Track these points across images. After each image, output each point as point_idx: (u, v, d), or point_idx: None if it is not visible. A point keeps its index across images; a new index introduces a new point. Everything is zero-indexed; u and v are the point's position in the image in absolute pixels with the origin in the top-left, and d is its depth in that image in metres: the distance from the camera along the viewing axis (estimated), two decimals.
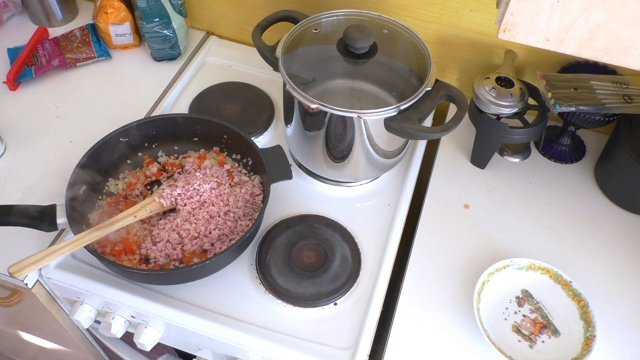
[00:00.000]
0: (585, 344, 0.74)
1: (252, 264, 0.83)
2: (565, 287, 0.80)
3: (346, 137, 0.82)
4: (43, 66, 1.04)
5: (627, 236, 0.90)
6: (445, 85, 0.80)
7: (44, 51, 1.07)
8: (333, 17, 0.87)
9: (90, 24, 1.13)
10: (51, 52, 1.07)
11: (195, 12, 1.16)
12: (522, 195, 0.94)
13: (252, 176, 0.88)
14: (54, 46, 1.08)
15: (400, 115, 0.77)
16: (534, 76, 1.00)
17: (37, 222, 0.75)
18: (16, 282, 0.81)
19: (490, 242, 0.88)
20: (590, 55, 0.52)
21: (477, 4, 0.93)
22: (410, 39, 0.85)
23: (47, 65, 1.05)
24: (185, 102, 1.04)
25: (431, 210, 0.91)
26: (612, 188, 0.94)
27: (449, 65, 1.05)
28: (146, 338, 0.79)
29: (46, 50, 1.07)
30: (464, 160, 0.99)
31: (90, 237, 0.73)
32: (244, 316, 0.78)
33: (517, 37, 0.53)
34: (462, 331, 0.78)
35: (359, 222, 0.89)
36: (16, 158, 0.94)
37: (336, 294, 0.79)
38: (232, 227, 0.81)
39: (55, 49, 1.08)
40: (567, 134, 0.98)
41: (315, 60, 0.90)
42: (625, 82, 0.89)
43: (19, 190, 0.89)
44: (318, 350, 0.75)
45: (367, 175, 0.92)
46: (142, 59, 1.13)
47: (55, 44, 1.09)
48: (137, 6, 1.02)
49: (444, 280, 0.83)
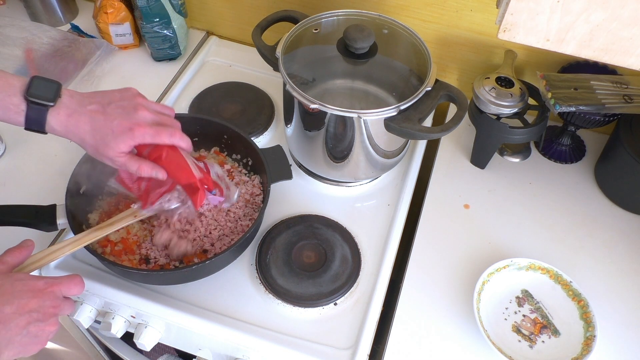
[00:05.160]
0: (585, 344, 0.74)
1: (252, 264, 0.83)
2: (565, 287, 0.80)
3: (346, 137, 0.82)
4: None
5: (627, 236, 0.90)
6: (445, 85, 0.80)
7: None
8: (333, 17, 0.87)
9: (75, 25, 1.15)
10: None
11: (195, 12, 1.16)
12: (522, 195, 0.94)
13: (252, 176, 0.88)
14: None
15: (400, 115, 0.77)
16: (534, 76, 1.00)
17: (37, 222, 0.75)
18: None
19: (490, 242, 0.88)
20: (590, 55, 0.52)
21: (477, 4, 0.93)
22: (410, 39, 0.85)
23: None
24: (185, 102, 1.04)
25: (431, 210, 0.91)
26: (612, 188, 0.94)
27: (449, 65, 1.05)
28: (146, 338, 0.78)
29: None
30: (464, 160, 0.99)
31: (90, 237, 0.73)
32: (244, 316, 0.78)
33: (517, 37, 0.53)
34: (462, 331, 0.78)
35: (359, 222, 0.89)
36: (16, 158, 0.94)
37: (336, 294, 0.79)
38: (232, 227, 0.81)
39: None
40: (567, 134, 0.98)
41: (315, 60, 0.90)
42: (625, 82, 0.89)
43: (19, 190, 0.89)
44: (318, 350, 0.75)
45: (367, 175, 0.92)
46: (142, 59, 1.13)
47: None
48: (137, 6, 1.02)
49: (444, 280, 0.83)
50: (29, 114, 0.65)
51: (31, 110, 0.65)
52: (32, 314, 0.58)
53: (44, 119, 0.65)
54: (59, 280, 0.62)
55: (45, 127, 0.66)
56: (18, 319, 0.57)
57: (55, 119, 0.66)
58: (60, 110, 0.66)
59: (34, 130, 0.66)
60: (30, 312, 0.58)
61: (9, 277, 0.60)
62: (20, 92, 0.65)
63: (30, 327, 0.58)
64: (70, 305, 0.64)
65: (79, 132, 0.67)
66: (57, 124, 0.66)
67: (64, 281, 0.63)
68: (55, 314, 0.61)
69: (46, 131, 0.67)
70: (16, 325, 0.57)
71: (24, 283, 0.60)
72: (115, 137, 0.66)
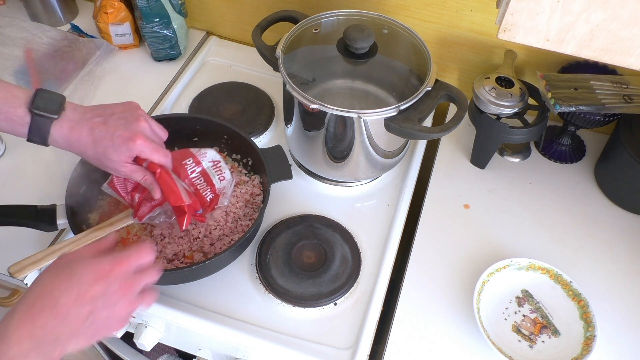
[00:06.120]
0: (585, 344, 0.74)
1: (252, 264, 0.83)
2: (565, 287, 0.80)
3: (346, 137, 0.82)
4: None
5: (627, 236, 0.90)
6: (445, 85, 0.80)
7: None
8: (333, 17, 0.87)
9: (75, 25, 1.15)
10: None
11: (195, 12, 1.16)
12: (522, 195, 0.94)
13: (252, 176, 0.88)
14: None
15: (400, 115, 0.77)
16: (534, 76, 1.00)
17: (37, 222, 0.75)
18: (16, 282, 0.81)
19: (490, 242, 0.88)
20: (590, 55, 0.52)
21: (477, 4, 0.93)
22: (410, 39, 0.85)
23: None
24: (185, 102, 1.04)
25: (431, 210, 0.91)
26: (612, 188, 0.94)
27: (449, 65, 1.05)
28: (146, 338, 0.78)
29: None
30: (464, 160, 0.99)
31: (90, 237, 0.73)
32: (244, 316, 0.78)
33: (517, 37, 0.53)
34: (462, 331, 0.78)
35: (359, 222, 0.89)
36: (16, 158, 0.94)
37: (336, 294, 0.79)
38: (232, 227, 0.81)
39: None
40: (567, 134, 0.98)
41: (315, 60, 0.90)
42: (625, 82, 0.89)
43: (19, 190, 0.89)
44: (318, 350, 0.75)
45: (367, 175, 0.92)
46: (142, 59, 1.13)
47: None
48: (137, 6, 1.02)
49: (444, 280, 0.83)
50: (32, 126, 0.65)
51: (35, 123, 0.65)
52: (95, 302, 0.53)
53: (48, 132, 0.66)
54: (126, 255, 0.57)
55: (48, 139, 0.67)
56: (79, 310, 0.52)
57: (58, 132, 0.66)
58: (63, 124, 0.66)
59: (36, 142, 0.67)
60: (94, 299, 0.53)
61: (71, 262, 0.55)
62: (25, 104, 0.65)
63: (95, 315, 0.53)
64: (149, 275, 0.59)
65: (81, 145, 0.67)
66: (59, 136, 0.67)
67: (133, 254, 0.57)
68: (126, 294, 0.56)
69: (48, 143, 0.67)
70: (76, 317, 0.52)
71: (85, 267, 0.54)
72: (116, 149, 0.67)
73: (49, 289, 0.53)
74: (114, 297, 0.55)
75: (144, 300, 0.58)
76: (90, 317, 0.53)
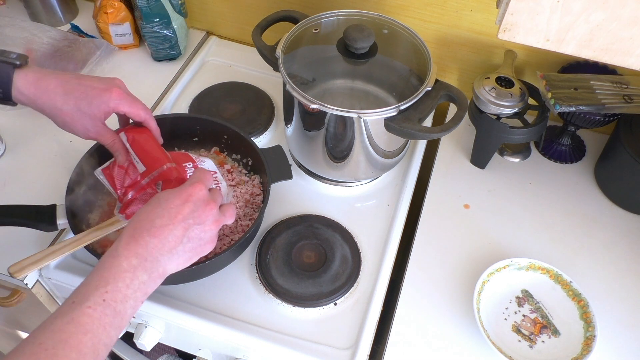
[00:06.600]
0: (585, 344, 0.74)
1: (252, 264, 0.83)
2: (565, 287, 0.80)
3: (346, 137, 0.82)
4: None
5: (627, 236, 0.90)
6: (445, 85, 0.80)
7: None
8: (333, 17, 0.87)
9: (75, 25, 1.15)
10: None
11: (195, 12, 1.16)
12: (522, 195, 0.94)
13: (252, 176, 0.88)
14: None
15: (400, 115, 0.77)
16: (534, 76, 1.00)
17: (37, 222, 0.75)
18: (16, 282, 0.81)
19: (490, 242, 0.88)
20: (590, 55, 0.52)
21: (477, 4, 0.93)
22: (410, 39, 0.85)
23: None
24: (185, 102, 1.04)
25: (431, 210, 0.91)
26: (612, 188, 0.94)
27: (449, 65, 1.05)
28: (146, 338, 0.79)
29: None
30: (464, 160, 0.99)
31: (90, 237, 0.73)
32: (244, 316, 0.78)
33: (517, 37, 0.53)
34: (462, 331, 0.78)
35: (359, 222, 0.89)
36: (16, 158, 0.94)
37: (336, 294, 0.79)
38: (232, 227, 0.81)
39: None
40: (567, 134, 0.98)
41: (315, 60, 0.90)
42: (625, 82, 0.89)
43: (19, 190, 0.89)
44: (318, 350, 0.75)
45: (367, 175, 0.92)
46: (142, 59, 1.13)
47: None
48: (137, 6, 1.02)
49: (443, 280, 0.83)
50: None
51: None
52: (187, 220, 0.58)
53: (10, 80, 0.61)
54: (196, 179, 0.62)
55: (12, 91, 0.61)
56: (173, 230, 0.57)
57: (23, 80, 0.61)
58: (28, 72, 0.62)
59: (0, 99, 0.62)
60: (185, 219, 0.58)
61: (157, 196, 0.61)
62: None
63: (190, 232, 0.58)
64: (218, 195, 0.63)
65: (49, 97, 0.63)
66: (25, 86, 0.62)
67: (200, 179, 0.62)
68: (211, 212, 0.60)
69: (13, 97, 0.62)
70: (174, 236, 0.57)
71: (169, 195, 0.60)
72: (90, 102, 0.63)
73: (145, 216, 0.58)
74: (201, 215, 0.59)
75: (226, 215, 0.63)
76: (184, 236, 0.58)
